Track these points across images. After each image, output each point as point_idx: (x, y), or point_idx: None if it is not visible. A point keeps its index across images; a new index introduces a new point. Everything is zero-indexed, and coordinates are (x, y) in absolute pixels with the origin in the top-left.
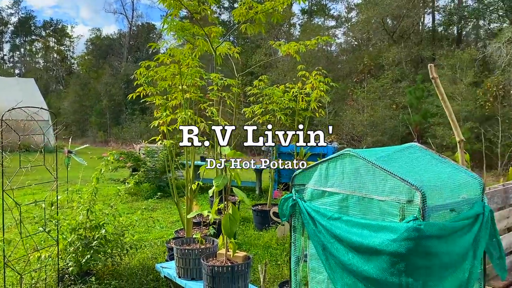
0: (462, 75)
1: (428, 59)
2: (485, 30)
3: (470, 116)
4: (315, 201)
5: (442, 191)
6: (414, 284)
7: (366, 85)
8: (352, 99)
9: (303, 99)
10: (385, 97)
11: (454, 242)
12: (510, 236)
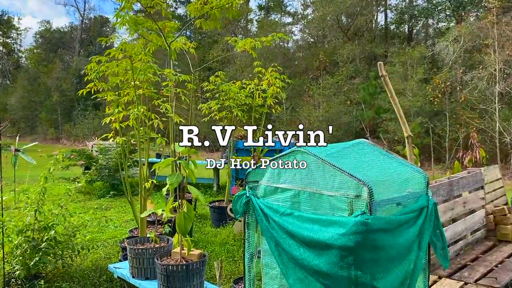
0: (412, 72)
1: (381, 56)
2: (434, 29)
3: (420, 111)
4: (268, 197)
5: (388, 186)
6: (363, 276)
7: (322, 82)
8: (309, 95)
9: (259, 95)
10: (340, 93)
11: (400, 235)
12: (455, 226)
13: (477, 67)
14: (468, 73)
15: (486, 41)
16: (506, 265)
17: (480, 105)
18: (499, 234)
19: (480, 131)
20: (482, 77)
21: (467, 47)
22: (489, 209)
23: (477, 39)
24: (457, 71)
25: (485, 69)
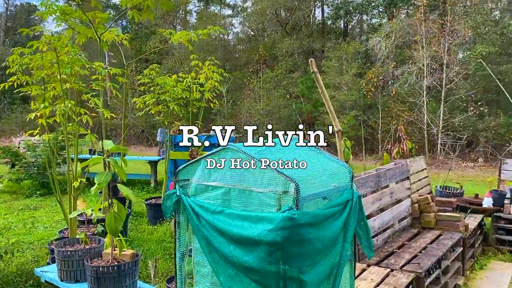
0: (347, 66)
1: (318, 51)
2: (368, 25)
3: (355, 104)
4: (199, 195)
5: (315, 181)
6: (290, 270)
7: (262, 75)
8: (249, 89)
9: (197, 89)
10: (280, 87)
11: (325, 228)
12: (383, 216)
13: (407, 62)
14: (399, 68)
15: (415, 38)
16: (429, 251)
17: (410, 98)
18: (423, 221)
19: (410, 123)
20: (412, 71)
21: (398, 43)
22: (414, 198)
23: (407, 36)
24: (389, 66)
25: (414, 64)
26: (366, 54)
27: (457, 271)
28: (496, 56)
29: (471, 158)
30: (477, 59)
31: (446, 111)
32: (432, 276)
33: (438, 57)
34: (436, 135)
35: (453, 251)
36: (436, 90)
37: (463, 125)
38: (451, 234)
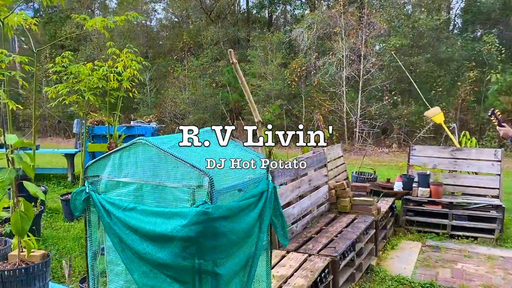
0: (272, 56)
1: (244, 40)
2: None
3: (280, 94)
4: (110, 192)
5: (230, 173)
6: (205, 264)
7: (187, 63)
8: (174, 77)
9: (114, 78)
10: (206, 75)
11: (240, 220)
12: (302, 203)
13: (328, 53)
14: (321, 59)
15: (335, 30)
16: (344, 235)
17: (331, 88)
18: (340, 206)
19: (331, 112)
20: (332, 62)
21: (320, 34)
22: (331, 184)
23: (327, 27)
24: (311, 56)
25: (334, 56)
26: (290, 45)
27: (371, 252)
28: (408, 48)
29: (386, 144)
30: (391, 51)
31: (363, 100)
32: (347, 259)
33: (356, 49)
34: (355, 123)
35: (367, 234)
36: (355, 81)
37: (379, 113)
38: (364, 218)
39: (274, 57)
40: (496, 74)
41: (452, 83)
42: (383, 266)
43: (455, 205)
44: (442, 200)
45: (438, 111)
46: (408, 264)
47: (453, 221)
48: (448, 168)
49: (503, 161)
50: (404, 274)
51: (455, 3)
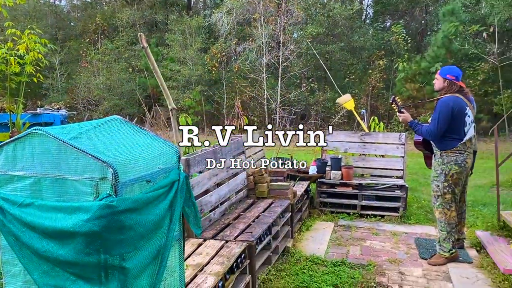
0: (192, 41)
1: (162, 24)
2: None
3: (200, 79)
4: (4, 187)
5: (137, 164)
6: (111, 259)
7: (101, 47)
8: (87, 61)
9: (15, 61)
10: (121, 59)
11: (149, 212)
12: (219, 190)
13: (247, 40)
14: (241, 45)
15: (254, 16)
16: (261, 219)
17: (252, 74)
18: (258, 192)
19: (252, 98)
20: (252, 49)
21: (239, 20)
22: (250, 171)
23: (247, 13)
24: (231, 42)
25: (254, 42)
26: (209, 29)
27: (287, 234)
28: (324, 37)
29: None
30: (308, 39)
31: (283, 87)
32: (263, 243)
33: (275, 36)
34: (275, 110)
35: (283, 217)
36: (274, 67)
37: (298, 100)
38: (281, 202)
39: (193, 41)
40: (402, 63)
41: (364, 70)
42: (298, 247)
43: (364, 186)
44: (353, 182)
45: (349, 98)
46: (321, 244)
47: (362, 201)
48: (358, 151)
49: (407, 144)
50: (318, 253)
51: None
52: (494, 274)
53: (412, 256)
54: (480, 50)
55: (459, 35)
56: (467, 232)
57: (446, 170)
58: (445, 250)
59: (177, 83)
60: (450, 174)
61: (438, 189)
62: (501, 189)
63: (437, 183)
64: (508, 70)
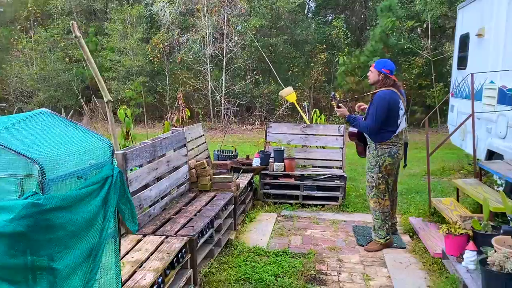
0: (132, 30)
1: (101, 12)
2: None
3: (142, 70)
4: None
5: (67, 160)
6: (39, 260)
7: (34, 35)
8: (18, 50)
9: None
10: (57, 49)
11: (80, 210)
12: (160, 185)
13: (191, 30)
14: (184, 35)
15: (197, 6)
16: (203, 213)
17: (195, 66)
18: (200, 185)
19: (196, 89)
20: (196, 39)
21: (182, 10)
22: (192, 164)
23: (190, 3)
24: (174, 32)
25: (198, 33)
26: (151, 19)
27: (230, 227)
28: (267, 29)
29: (250, 122)
30: (252, 31)
31: (227, 79)
32: (205, 236)
33: (219, 27)
34: (220, 101)
35: (226, 210)
36: (219, 59)
37: (243, 92)
38: (224, 195)
39: (134, 31)
40: (343, 57)
41: (306, 64)
42: (241, 239)
43: (306, 177)
44: (295, 173)
45: (291, 91)
46: (264, 235)
47: (304, 191)
48: (300, 143)
49: (346, 135)
50: (261, 244)
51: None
52: (425, 258)
53: (350, 244)
54: (415, 45)
55: (395, 30)
56: (401, 219)
57: (380, 162)
58: (381, 237)
59: (118, 74)
60: (384, 166)
61: (372, 180)
62: (432, 177)
63: (371, 174)
64: (440, 64)
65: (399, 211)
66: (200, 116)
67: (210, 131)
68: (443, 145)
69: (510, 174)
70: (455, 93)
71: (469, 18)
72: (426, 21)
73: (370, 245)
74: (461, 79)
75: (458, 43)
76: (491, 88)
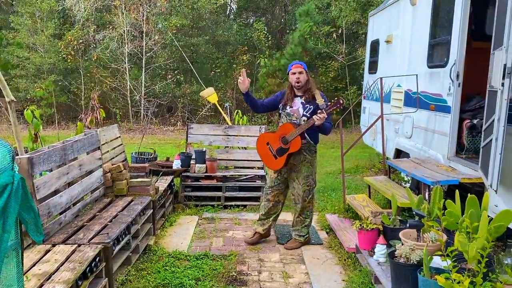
0: (43, 25)
1: (6, 4)
2: None
3: (54, 68)
4: None
5: None
6: None
7: None
8: None
9: None
10: None
11: None
12: (71, 190)
13: (108, 27)
14: (100, 32)
15: (114, 3)
16: (119, 219)
17: (112, 64)
18: (116, 189)
19: (114, 89)
20: (113, 37)
21: (98, 6)
22: (107, 167)
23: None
24: (89, 29)
25: (115, 30)
26: (64, 14)
27: (149, 232)
28: (188, 29)
29: (171, 122)
30: (172, 30)
31: (147, 78)
32: (122, 243)
33: (138, 25)
34: (139, 101)
35: (144, 215)
36: (138, 58)
37: (163, 92)
38: (141, 199)
39: (45, 26)
40: (264, 59)
41: (229, 65)
42: (161, 244)
43: (228, 178)
44: (217, 174)
45: (212, 92)
46: (185, 239)
47: (226, 192)
48: (222, 144)
49: None
50: (181, 248)
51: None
52: (340, 253)
53: (271, 243)
54: (331, 50)
55: (313, 35)
56: (318, 216)
57: (315, 163)
58: (302, 235)
59: (26, 72)
60: (315, 166)
61: (312, 181)
62: (347, 175)
63: (312, 176)
64: (354, 68)
65: (317, 208)
66: (118, 116)
67: (129, 132)
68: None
69: (415, 172)
70: (367, 95)
71: (379, 25)
72: (341, 27)
73: (290, 243)
74: (372, 82)
75: (369, 48)
76: (398, 91)
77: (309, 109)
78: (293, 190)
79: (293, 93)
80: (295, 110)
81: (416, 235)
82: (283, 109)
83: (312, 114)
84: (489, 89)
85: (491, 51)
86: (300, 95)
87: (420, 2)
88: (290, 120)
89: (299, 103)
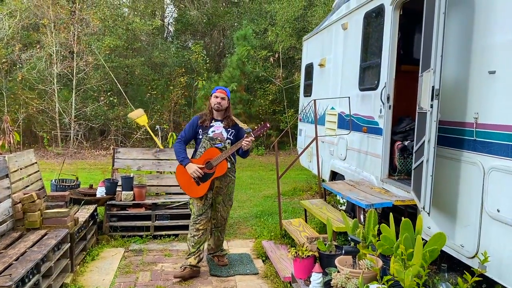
0: None
1: None
2: None
3: None
4: None
5: None
6: None
7: None
8: None
9: None
10: None
11: None
12: None
13: (35, 47)
14: (27, 52)
15: (43, 21)
16: (27, 256)
17: (40, 85)
18: (28, 222)
19: (41, 111)
20: (41, 57)
21: (24, 24)
22: (17, 197)
23: (34, 17)
24: (14, 48)
25: (43, 49)
26: None
27: (65, 269)
28: (123, 50)
29: (104, 146)
30: (106, 51)
31: (78, 100)
32: (28, 284)
33: (68, 45)
34: (69, 125)
35: (59, 250)
36: (68, 78)
37: (95, 114)
38: (57, 232)
39: None
40: (202, 81)
41: (166, 87)
42: (80, 282)
43: (158, 206)
44: (146, 202)
45: (141, 113)
46: (107, 274)
47: (156, 221)
48: (152, 169)
49: None
50: (102, 286)
51: (168, 12)
52: (276, 282)
53: (203, 274)
54: (269, 74)
55: (251, 59)
56: (254, 243)
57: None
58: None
59: None
60: None
61: (231, 202)
62: (284, 198)
63: (233, 195)
64: (291, 91)
65: (253, 235)
66: (46, 140)
67: (57, 157)
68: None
69: (350, 194)
70: (302, 118)
71: (313, 49)
72: (278, 52)
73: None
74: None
75: (304, 72)
76: (332, 113)
77: (232, 132)
78: (217, 214)
79: (211, 115)
80: (219, 134)
81: (352, 262)
82: (203, 134)
83: (235, 137)
84: (419, 110)
85: (419, 74)
86: (220, 120)
87: (351, 27)
88: (214, 144)
89: (221, 127)
